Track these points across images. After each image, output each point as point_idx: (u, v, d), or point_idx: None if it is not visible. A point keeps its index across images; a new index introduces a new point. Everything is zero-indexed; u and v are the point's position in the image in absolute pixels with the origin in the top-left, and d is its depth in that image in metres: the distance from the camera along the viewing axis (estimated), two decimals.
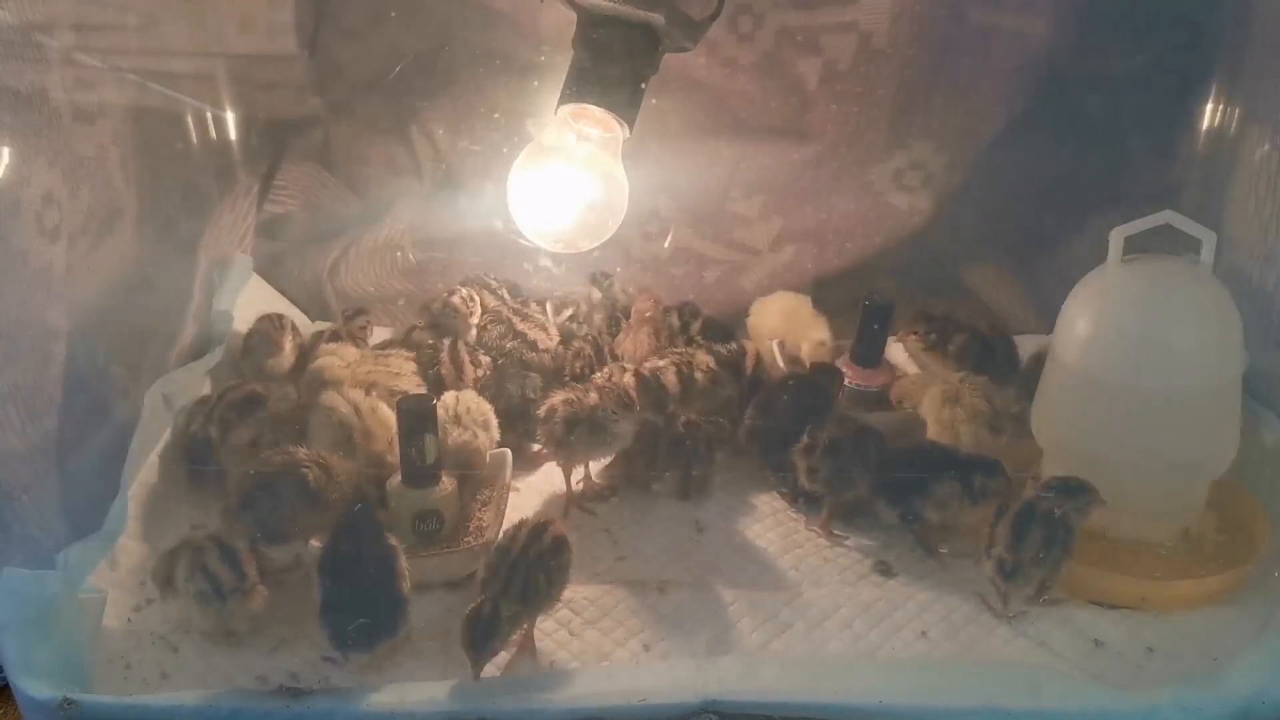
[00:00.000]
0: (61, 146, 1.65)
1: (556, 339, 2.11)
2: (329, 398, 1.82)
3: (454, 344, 2.02)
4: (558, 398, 1.81)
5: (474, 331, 2.15)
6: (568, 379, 1.98)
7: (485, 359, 2.03)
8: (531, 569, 1.46)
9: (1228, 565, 1.62)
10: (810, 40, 2.16)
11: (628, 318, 2.17)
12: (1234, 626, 1.55)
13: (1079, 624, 1.55)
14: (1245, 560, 1.63)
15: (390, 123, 2.36)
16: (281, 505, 1.59)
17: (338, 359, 1.98)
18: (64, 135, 1.67)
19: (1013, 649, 1.52)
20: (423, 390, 1.92)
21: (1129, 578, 1.59)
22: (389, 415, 1.80)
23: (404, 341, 2.13)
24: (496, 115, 2.17)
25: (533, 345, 2.07)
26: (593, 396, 1.79)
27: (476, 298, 2.19)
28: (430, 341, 2.07)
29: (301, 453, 1.64)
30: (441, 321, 2.15)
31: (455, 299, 2.16)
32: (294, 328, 2.12)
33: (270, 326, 2.08)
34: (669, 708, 1.40)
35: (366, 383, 1.91)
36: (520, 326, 2.10)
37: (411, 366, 1.98)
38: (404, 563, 1.51)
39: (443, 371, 1.98)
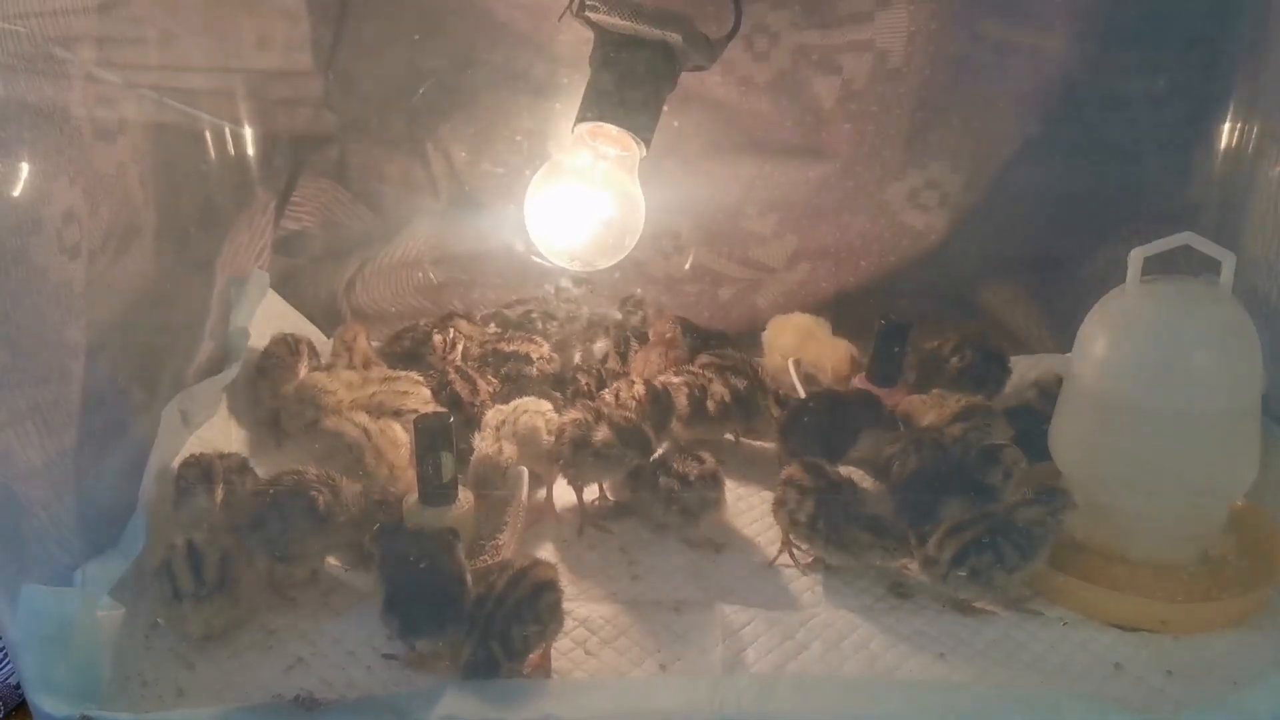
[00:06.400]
0: (82, 164, 1.65)
1: (547, 346, 2.10)
2: (334, 422, 1.83)
3: (460, 367, 2.02)
4: (567, 418, 1.81)
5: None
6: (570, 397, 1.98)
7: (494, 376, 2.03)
8: (508, 620, 1.46)
9: (1248, 588, 1.61)
10: (826, 59, 2.16)
11: (641, 342, 2.17)
12: (1254, 650, 1.54)
13: (1098, 647, 1.54)
14: (1265, 583, 1.62)
15: (407, 140, 2.37)
16: (291, 527, 1.59)
17: (332, 382, 1.98)
18: (84, 152, 1.68)
19: (1032, 671, 1.51)
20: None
21: (1148, 600, 1.58)
22: (400, 434, 1.81)
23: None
24: (519, 138, 2.18)
25: (526, 359, 2.06)
26: (602, 430, 1.78)
27: (459, 339, 2.18)
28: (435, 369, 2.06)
29: (312, 473, 1.65)
30: (420, 354, 2.15)
31: (437, 338, 2.16)
32: (310, 349, 2.12)
33: (285, 350, 2.08)
34: None
35: (371, 405, 1.91)
36: (509, 349, 2.08)
37: (425, 393, 1.97)
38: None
39: (457, 389, 1.97)
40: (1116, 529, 1.65)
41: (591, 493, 1.86)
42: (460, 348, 2.16)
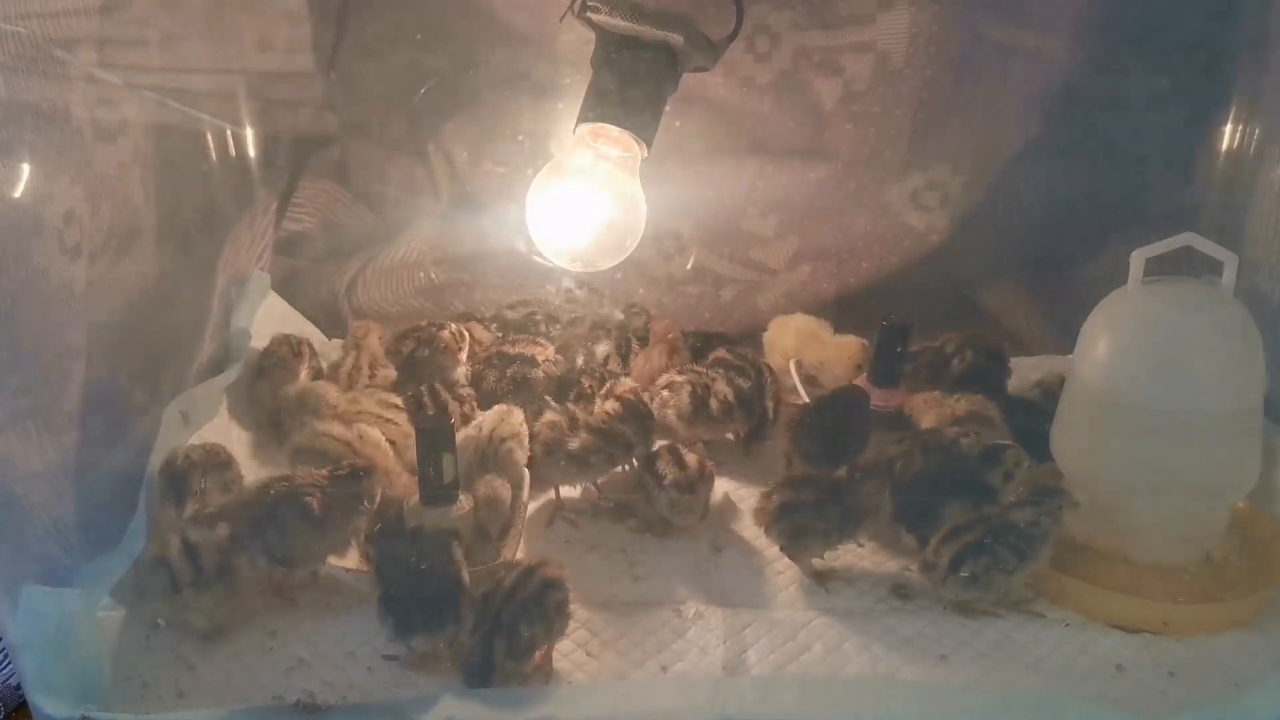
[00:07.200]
0: (83, 164, 1.66)
1: (552, 348, 2.10)
2: (309, 437, 1.82)
3: (431, 386, 1.98)
4: (546, 419, 1.83)
5: (462, 368, 2.12)
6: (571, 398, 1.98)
7: (468, 391, 2.02)
8: (515, 618, 1.46)
9: (1250, 589, 1.61)
10: (828, 60, 2.16)
11: (643, 344, 2.17)
12: (1256, 651, 1.54)
13: (1100, 648, 1.54)
14: (1267, 584, 1.61)
15: (408, 141, 2.37)
16: (289, 533, 1.59)
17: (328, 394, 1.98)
18: (86, 153, 1.68)
19: (1034, 673, 1.51)
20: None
21: (1150, 602, 1.57)
22: (379, 437, 1.81)
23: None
24: (520, 138, 2.18)
25: (532, 361, 2.05)
26: (577, 436, 1.79)
27: (466, 334, 2.17)
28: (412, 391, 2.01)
29: (298, 477, 1.65)
30: (421, 359, 2.11)
31: (445, 333, 2.13)
32: (311, 351, 2.11)
33: (288, 351, 2.08)
34: None
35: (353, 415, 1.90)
36: (514, 351, 2.07)
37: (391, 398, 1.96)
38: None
39: (421, 405, 1.94)
40: (1118, 530, 1.65)
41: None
42: (468, 341, 2.15)
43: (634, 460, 1.85)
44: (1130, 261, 1.60)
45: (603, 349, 2.19)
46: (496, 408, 1.89)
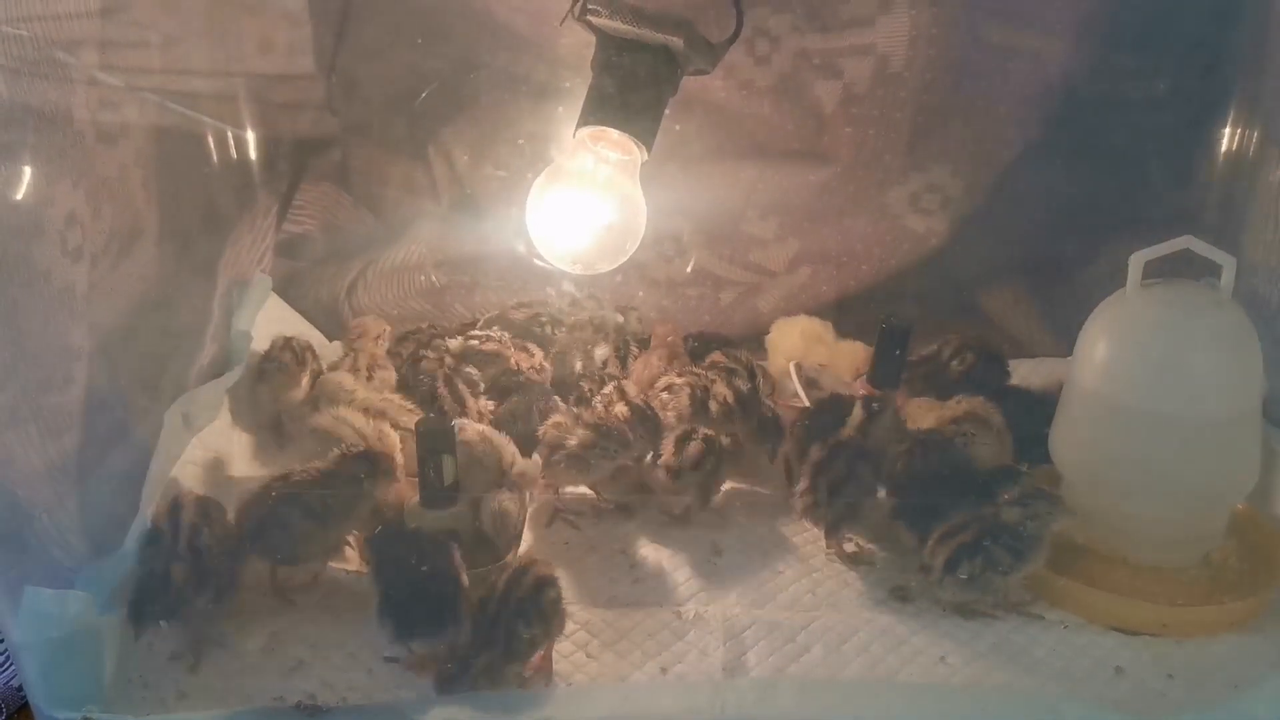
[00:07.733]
0: (85, 167, 1.66)
1: (539, 355, 2.08)
2: (324, 422, 1.82)
3: (449, 378, 1.98)
4: (552, 420, 1.83)
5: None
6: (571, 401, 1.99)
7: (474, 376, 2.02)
8: (511, 619, 1.46)
9: (1249, 592, 1.61)
10: (827, 63, 2.16)
11: (641, 347, 2.17)
12: (1255, 653, 1.54)
13: (1099, 650, 1.55)
14: (1266, 587, 1.62)
15: (409, 143, 2.37)
16: (292, 531, 1.60)
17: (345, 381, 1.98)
18: (87, 156, 1.68)
19: (1033, 675, 1.51)
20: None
21: (1150, 604, 1.58)
22: (395, 442, 1.81)
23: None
24: (520, 141, 2.19)
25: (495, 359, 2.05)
26: (579, 434, 1.79)
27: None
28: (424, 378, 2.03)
29: (297, 471, 1.65)
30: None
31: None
32: (313, 356, 2.10)
33: (291, 358, 2.05)
34: None
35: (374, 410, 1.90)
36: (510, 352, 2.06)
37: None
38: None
39: (445, 408, 1.95)
40: (1117, 533, 1.66)
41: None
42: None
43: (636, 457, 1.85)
44: (1129, 264, 1.61)
45: (601, 351, 2.19)
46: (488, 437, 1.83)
